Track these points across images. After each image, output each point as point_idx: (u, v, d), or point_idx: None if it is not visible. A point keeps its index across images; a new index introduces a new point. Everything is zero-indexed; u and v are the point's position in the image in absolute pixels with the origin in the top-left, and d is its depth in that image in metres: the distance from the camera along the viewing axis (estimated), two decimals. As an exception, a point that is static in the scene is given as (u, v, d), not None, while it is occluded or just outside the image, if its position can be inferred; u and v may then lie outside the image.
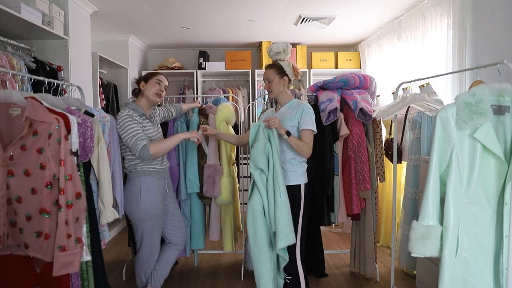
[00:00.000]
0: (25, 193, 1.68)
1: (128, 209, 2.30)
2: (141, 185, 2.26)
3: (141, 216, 2.27)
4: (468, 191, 1.58)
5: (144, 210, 2.26)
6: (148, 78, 2.36)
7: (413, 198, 2.83)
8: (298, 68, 2.35)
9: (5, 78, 2.17)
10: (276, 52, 2.41)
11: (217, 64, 5.23)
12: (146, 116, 2.34)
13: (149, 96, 2.34)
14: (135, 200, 2.26)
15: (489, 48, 2.58)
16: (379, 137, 2.83)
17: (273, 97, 2.35)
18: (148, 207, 2.26)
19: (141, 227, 2.31)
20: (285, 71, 2.29)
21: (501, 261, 1.56)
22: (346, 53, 5.23)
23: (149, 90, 2.34)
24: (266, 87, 2.34)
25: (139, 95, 2.39)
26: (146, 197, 2.26)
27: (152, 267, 2.42)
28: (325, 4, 3.57)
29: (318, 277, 3.00)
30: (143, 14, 3.86)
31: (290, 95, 2.38)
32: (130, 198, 2.28)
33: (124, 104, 2.38)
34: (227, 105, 2.93)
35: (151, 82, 2.35)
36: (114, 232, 4.17)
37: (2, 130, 1.71)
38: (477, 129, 1.53)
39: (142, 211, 2.26)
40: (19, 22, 2.51)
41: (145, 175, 2.28)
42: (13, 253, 1.76)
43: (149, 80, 2.35)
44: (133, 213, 2.29)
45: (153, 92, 2.33)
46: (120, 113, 2.26)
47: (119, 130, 2.24)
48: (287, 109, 2.30)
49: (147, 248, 2.35)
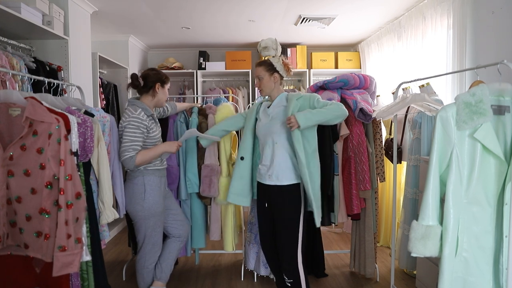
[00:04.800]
0: (25, 193, 1.68)
1: (131, 207, 2.30)
2: (145, 183, 2.27)
3: (144, 214, 2.29)
4: (468, 191, 1.58)
5: (148, 208, 2.28)
6: (164, 82, 2.36)
7: (413, 198, 2.83)
8: (289, 64, 2.32)
9: (5, 78, 2.17)
10: (263, 47, 2.38)
11: (217, 64, 5.23)
12: (152, 116, 2.34)
13: (162, 101, 2.37)
14: (138, 198, 2.27)
15: (489, 48, 2.58)
16: (379, 137, 2.83)
17: (265, 94, 2.34)
18: (151, 204, 2.29)
19: (145, 225, 2.32)
20: (275, 67, 2.26)
21: (501, 261, 1.57)
22: (346, 53, 5.23)
23: (164, 95, 2.37)
24: (257, 85, 2.33)
25: (147, 93, 2.32)
26: (150, 195, 2.28)
27: (153, 266, 2.43)
28: (325, 4, 3.57)
29: (318, 277, 3.00)
30: (143, 14, 3.86)
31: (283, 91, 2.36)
32: (133, 196, 2.28)
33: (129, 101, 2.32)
34: (227, 105, 2.93)
35: (166, 87, 2.38)
36: (114, 232, 4.17)
37: (2, 130, 1.71)
38: (477, 129, 1.53)
39: (146, 209, 2.28)
40: (19, 22, 2.51)
41: (148, 174, 2.29)
42: (13, 253, 1.76)
43: (165, 85, 2.37)
44: (137, 211, 2.29)
45: (166, 97, 2.38)
46: (130, 113, 2.21)
47: (121, 128, 2.22)
48: (279, 103, 2.29)
49: (150, 245, 2.37)
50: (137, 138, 2.19)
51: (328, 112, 2.14)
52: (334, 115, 2.15)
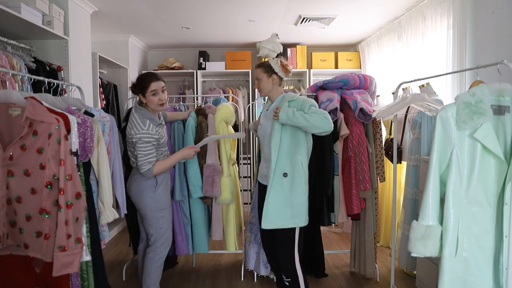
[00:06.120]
0: (25, 193, 1.68)
1: (142, 201, 2.31)
2: (156, 176, 2.32)
3: (156, 206, 2.33)
4: (468, 191, 1.58)
5: (159, 200, 2.33)
6: (144, 91, 2.22)
7: (413, 198, 2.83)
8: (288, 65, 2.33)
9: (5, 78, 2.17)
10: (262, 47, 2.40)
11: (217, 64, 5.22)
12: (161, 124, 2.36)
13: (154, 108, 2.28)
14: (149, 191, 2.31)
15: (489, 48, 2.58)
16: (379, 137, 2.83)
17: (263, 95, 2.37)
18: (161, 197, 2.35)
19: (156, 218, 2.35)
20: (274, 69, 2.28)
21: (501, 261, 1.56)
22: (346, 53, 5.23)
23: (151, 104, 2.25)
24: (256, 86, 2.36)
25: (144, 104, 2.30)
26: (160, 188, 2.34)
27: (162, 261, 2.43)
28: (325, 4, 3.57)
29: (318, 277, 3.00)
30: (143, 14, 3.86)
31: (282, 92, 2.37)
32: (144, 190, 2.31)
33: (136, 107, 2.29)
34: (227, 105, 2.93)
35: (148, 96, 2.22)
36: (114, 232, 4.17)
37: (2, 130, 1.71)
38: (477, 129, 1.53)
39: (157, 201, 2.32)
40: (19, 22, 2.51)
41: None
42: (13, 253, 1.76)
43: (145, 93, 2.22)
44: (148, 204, 2.32)
45: (155, 104, 2.25)
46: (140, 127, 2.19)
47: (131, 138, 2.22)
48: (275, 106, 2.29)
49: (162, 239, 2.39)
50: (150, 151, 2.23)
51: (308, 119, 2.07)
52: (312, 124, 2.06)
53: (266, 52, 2.58)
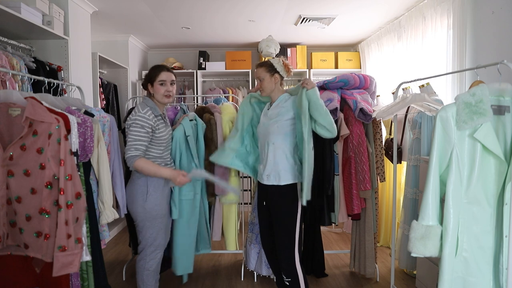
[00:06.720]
0: (25, 193, 1.68)
1: (133, 208, 2.23)
2: (148, 184, 2.20)
3: (146, 216, 2.22)
4: (468, 191, 1.58)
5: (150, 210, 2.21)
6: (152, 80, 2.23)
7: (413, 198, 2.83)
8: (289, 64, 2.33)
9: (5, 78, 2.17)
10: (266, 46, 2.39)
11: (217, 64, 5.22)
12: (161, 116, 2.28)
13: (159, 99, 2.24)
14: (140, 199, 2.20)
15: (489, 48, 2.58)
16: (379, 137, 2.83)
17: (265, 95, 2.34)
18: (153, 206, 2.21)
19: (145, 226, 2.25)
20: (276, 68, 2.27)
21: (501, 261, 1.57)
22: (346, 53, 5.23)
23: (157, 94, 2.23)
24: (258, 86, 2.34)
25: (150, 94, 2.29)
26: (152, 197, 2.21)
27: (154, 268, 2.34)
28: (325, 4, 3.57)
29: (318, 277, 3.00)
30: (143, 14, 3.86)
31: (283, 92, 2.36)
32: (135, 197, 2.21)
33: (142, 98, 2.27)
34: (229, 105, 2.94)
35: (156, 85, 2.22)
36: (114, 232, 4.17)
37: (2, 130, 1.71)
38: (477, 129, 1.53)
39: (147, 210, 2.20)
40: (19, 22, 2.51)
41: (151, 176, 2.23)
42: (13, 253, 1.76)
43: (154, 82, 2.24)
44: (138, 213, 2.22)
45: (161, 94, 2.23)
46: (138, 111, 2.16)
47: (127, 127, 2.17)
48: (279, 104, 2.29)
49: (152, 248, 2.29)
50: (141, 137, 2.11)
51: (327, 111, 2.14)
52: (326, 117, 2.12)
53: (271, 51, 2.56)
